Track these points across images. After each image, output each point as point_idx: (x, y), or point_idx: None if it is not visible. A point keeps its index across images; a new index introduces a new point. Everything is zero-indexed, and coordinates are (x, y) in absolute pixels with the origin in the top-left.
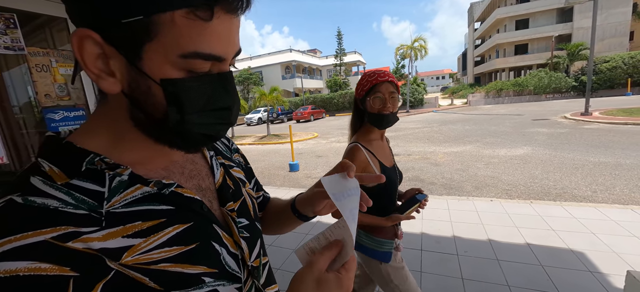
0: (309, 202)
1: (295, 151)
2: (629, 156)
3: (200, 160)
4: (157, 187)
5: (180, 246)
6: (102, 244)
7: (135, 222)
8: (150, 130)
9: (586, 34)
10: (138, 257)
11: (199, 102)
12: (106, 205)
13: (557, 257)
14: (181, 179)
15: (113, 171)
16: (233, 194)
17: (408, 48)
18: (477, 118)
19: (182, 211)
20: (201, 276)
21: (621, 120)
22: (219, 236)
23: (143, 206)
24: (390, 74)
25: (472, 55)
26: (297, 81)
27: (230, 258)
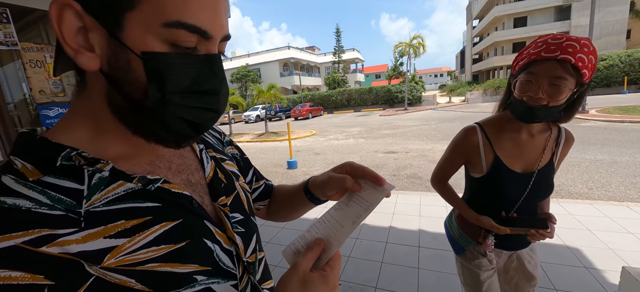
0: (323, 186)
1: (294, 149)
2: (625, 154)
3: (189, 154)
4: (142, 183)
5: (169, 244)
6: (81, 246)
7: (118, 222)
8: (128, 115)
9: (584, 32)
10: (122, 259)
11: (183, 82)
12: (85, 204)
13: (554, 253)
14: (168, 174)
15: (92, 167)
16: (225, 189)
17: (406, 45)
18: (475, 116)
19: (170, 208)
20: (193, 275)
21: (617, 118)
22: (211, 232)
23: (126, 203)
24: (568, 47)
25: (471, 53)
26: (296, 78)
27: (224, 255)
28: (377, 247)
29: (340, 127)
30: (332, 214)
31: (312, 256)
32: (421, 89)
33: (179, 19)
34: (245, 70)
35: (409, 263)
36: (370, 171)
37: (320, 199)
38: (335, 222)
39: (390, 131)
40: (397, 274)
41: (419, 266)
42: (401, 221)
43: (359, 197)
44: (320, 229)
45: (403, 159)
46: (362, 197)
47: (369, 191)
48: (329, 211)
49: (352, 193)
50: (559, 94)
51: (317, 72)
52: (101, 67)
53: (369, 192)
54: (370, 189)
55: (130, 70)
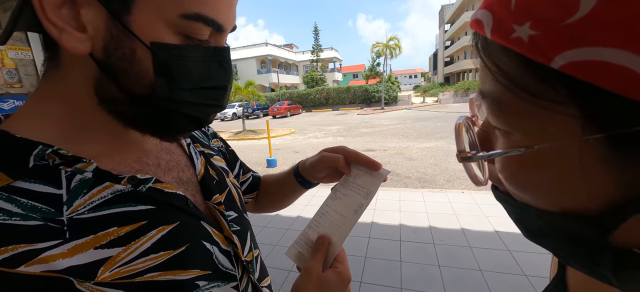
0: (314, 166)
1: (273, 147)
2: None
3: (177, 149)
4: (132, 184)
5: (168, 250)
6: (69, 261)
7: (109, 229)
8: (123, 108)
9: None
10: (118, 271)
11: (193, 77)
12: (67, 211)
13: (522, 242)
14: (158, 171)
15: (71, 167)
16: (218, 186)
17: (383, 46)
18: (447, 116)
19: (165, 210)
20: (195, 281)
21: None
22: (209, 233)
23: (116, 208)
24: None
25: (443, 55)
26: (273, 76)
27: (223, 256)
28: (361, 243)
29: (319, 125)
30: (329, 204)
31: (321, 256)
32: (397, 89)
33: (198, 11)
34: None
35: (392, 257)
36: (364, 156)
37: (311, 183)
38: (336, 213)
39: (369, 130)
40: (381, 268)
41: (401, 259)
42: (382, 217)
43: (355, 184)
44: (322, 223)
45: (381, 157)
46: (359, 184)
47: (365, 177)
48: (326, 202)
49: (347, 180)
50: None
51: (295, 70)
52: (92, 51)
53: (365, 178)
54: (366, 175)
55: (135, 61)
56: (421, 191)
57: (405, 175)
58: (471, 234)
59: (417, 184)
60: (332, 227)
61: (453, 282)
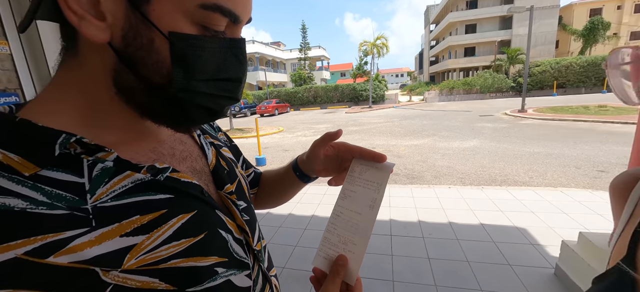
0: (309, 159)
1: (261, 145)
2: (556, 147)
3: (189, 140)
4: (151, 173)
5: (189, 237)
6: (97, 249)
7: (132, 217)
8: (140, 98)
9: (523, 40)
10: (143, 258)
11: (209, 68)
12: (90, 199)
13: (505, 233)
14: (173, 161)
15: (92, 156)
16: (229, 175)
17: (371, 45)
18: (432, 114)
19: (183, 199)
20: (214, 267)
21: (549, 117)
22: (224, 221)
23: (137, 196)
24: None
25: (428, 55)
26: (261, 74)
27: (237, 245)
28: None
29: (307, 124)
30: (341, 205)
31: (339, 280)
32: (384, 87)
33: (216, 2)
34: None
35: (383, 251)
36: (367, 149)
37: (310, 177)
38: (350, 212)
39: (357, 128)
40: (373, 262)
41: (392, 253)
42: None
43: (363, 179)
44: (339, 225)
45: None
46: (366, 179)
47: (371, 171)
48: (337, 203)
49: (353, 177)
50: None
51: (283, 68)
52: (111, 40)
53: (371, 172)
54: (372, 169)
55: (153, 51)
56: (410, 186)
57: (394, 172)
58: (458, 227)
59: (405, 180)
60: (350, 227)
61: (442, 274)
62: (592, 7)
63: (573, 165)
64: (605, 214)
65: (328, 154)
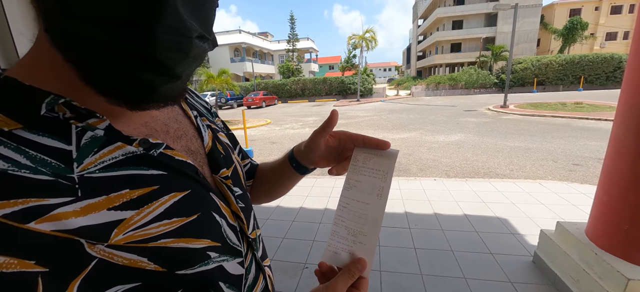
0: (308, 149)
1: (248, 138)
2: (535, 141)
3: (184, 119)
4: (144, 146)
5: (181, 217)
6: (82, 220)
7: (122, 191)
8: (86, 66)
9: (506, 37)
10: (131, 234)
11: None
12: (77, 168)
13: (488, 224)
14: (167, 138)
15: (82, 123)
16: (225, 160)
17: (360, 38)
18: (419, 108)
19: (176, 177)
20: (206, 251)
21: (529, 113)
22: (218, 205)
23: (127, 170)
24: None
25: (415, 50)
26: (248, 65)
27: (230, 231)
28: None
29: (295, 116)
30: (346, 196)
31: (350, 281)
32: (372, 81)
33: None
34: None
35: None
36: (370, 137)
37: (307, 168)
38: (357, 202)
39: (345, 121)
40: None
41: (379, 243)
42: None
43: (367, 168)
44: (347, 217)
45: None
46: (371, 167)
47: (376, 159)
48: (343, 194)
49: (356, 166)
50: None
51: (271, 60)
52: None
53: (376, 160)
54: (376, 157)
55: None
56: (397, 178)
57: None
58: (443, 218)
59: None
60: (358, 217)
61: (427, 262)
62: (572, 7)
63: (551, 158)
64: (580, 205)
65: (329, 143)
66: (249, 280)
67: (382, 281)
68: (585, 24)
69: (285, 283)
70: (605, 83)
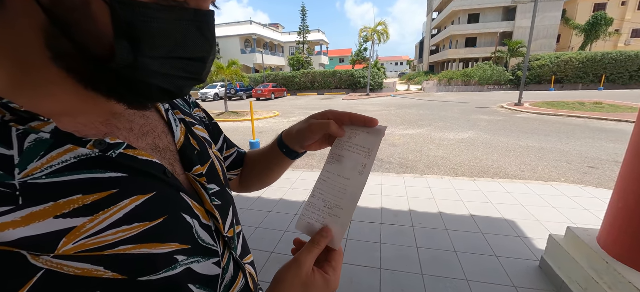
0: (301, 134)
1: (256, 130)
2: (549, 142)
3: (153, 114)
4: (99, 148)
5: (144, 222)
6: (23, 231)
7: (73, 197)
8: (80, 68)
9: (525, 33)
10: (84, 243)
11: (165, 44)
12: (19, 174)
13: (494, 225)
14: (130, 137)
15: (24, 126)
16: (199, 156)
17: (371, 31)
18: (430, 104)
19: (139, 179)
20: (173, 255)
21: (545, 112)
22: (189, 206)
23: (80, 174)
24: None
25: (429, 44)
26: (258, 57)
27: (203, 231)
28: None
29: (304, 109)
30: (329, 169)
31: (318, 251)
32: (383, 75)
33: None
34: None
35: (373, 238)
36: (357, 114)
37: (297, 152)
38: (338, 177)
39: None
40: (361, 249)
41: (381, 241)
42: (364, 200)
43: (352, 144)
44: (325, 190)
45: None
46: (357, 143)
47: (363, 136)
48: (325, 168)
49: (342, 141)
50: None
51: (281, 52)
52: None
53: (362, 137)
54: (363, 134)
55: (89, 17)
56: (403, 176)
57: (388, 160)
58: (448, 217)
59: (399, 169)
60: (337, 191)
61: (430, 263)
62: (596, 2)
63: (565, 160)
64: (593, 210)
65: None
66: (226, 280)
67: (382, 278)
68: (610, 20)
69: None
70: (628, 83)
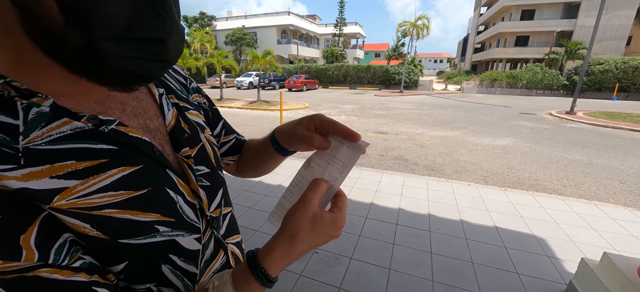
0: (288, 137)
1: (284, 119)
2: (602, 157)
3: (146, 97)
4: (92, 123)
5: (129, 190)
6: (23, 184)
7: (67, 162)
8: (55, 52)
9: (587, 33)
10: (75, 201)
11: (116, 25)
12: (23, 140)
13: (520, 241)
14: (122, 116)
15: (27, 100)
16: (189, 139)
17: (411, 25)
18: (467, 106)
19: (128, 152)
20: (154, 224)
21: (602, 123)
22: (174, 182)
23: (75, 143)
24: None
25: (473, 41)
26: (293, 48)
27: (188, 207)
28: (357, 222)
29: (334, 103)
30: (302, 174)
31: (320, 192)
32: (419, 73)
33: None
34: (241, 33)
35: (386, 238)
36: (342, 126)
37: (287, 150)
38: (308, 183)
39: (383, 112)
40: (373, 247)
41: (394, 242)
42: (383, 199)
43: (331, 156)
44: (295, 193)
45: (392, 140)
46: (335, 156)
47: (342, 149)
48: (299, 172)
49: (322, 151)
50: None
51: (316, 44)
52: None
53: (342, 151)
54: (344, 147)
55: (40, 2)
56: (426, 178)
57: (413, 161)
58: (469, 226)
59: (423, 171)
60: (327, 173)
61: (442, 270)
62: None
63: (617, 179)
64: None
65: (308, 129)
66: (206, 255)
67: (390, 279)
68: None
69: (294, 264)
70: None
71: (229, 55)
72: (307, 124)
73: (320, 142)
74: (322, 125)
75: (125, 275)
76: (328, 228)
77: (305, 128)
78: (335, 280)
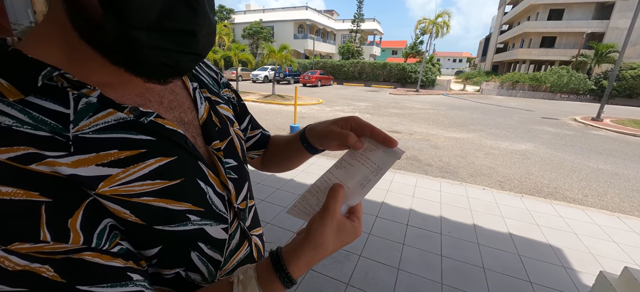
0: (322, 136)
1: (298, 115)
2: (629, 167)
3: (181, 91)
4: (134, 114)
5: (164, 180)
6: (73, 171)
7: (110, 151)
8: (97, 44)
9: (621, 35)
10: (117, 188)
11: (148, 15)
12: (73, 129)
13: (535, 249)
14: (160, 109)
15: (78, 91)
16: (219, 133)
17: (430, 23)
18: (486, 108)
19: (164, 143)
20: (186, 213)
21: (630, 131)
22: (205, 174)
23: (118, 133)
24: None
25: (496, 40)
26: (309, 43)
27: (217, 198)
28: (367, 220)
29: (348, 99)
30: (333, 173)
31: (341, 199)
32: (437, 72)
33: None
34: (258, 27)
35: (396, 238)
36: (379, 130)
37: (317, 149)
38: (339, 182)
39: (398, 111)
40: (382, 246)
41: (404, 242)
42: (394, 199)
43: (365, 157)
44: (322, 190)
45: (406, 140)
46: (369, 158)
47: (377, 152)
48: (330, 170)
49: (356, 151)
50: None
51: (333, 39)
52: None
53: (377, 154)
54: (379, 151)
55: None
56: (440, 180)
57: (427, 162)
58: (482, 231)
59: (437, 173)
60: (345, 181)
61: (452, 273)
62: None
63: None
64: None
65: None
66: (231, 245)
67: (398, 279)
68: None
69: None
70: None
71: (245, 48)
72: (342, 124)
73: (354, 140)
74: (358, 128)
75: (158, 260)
76: (348, 237)
77: (340, 127)
78: (344, 276)
